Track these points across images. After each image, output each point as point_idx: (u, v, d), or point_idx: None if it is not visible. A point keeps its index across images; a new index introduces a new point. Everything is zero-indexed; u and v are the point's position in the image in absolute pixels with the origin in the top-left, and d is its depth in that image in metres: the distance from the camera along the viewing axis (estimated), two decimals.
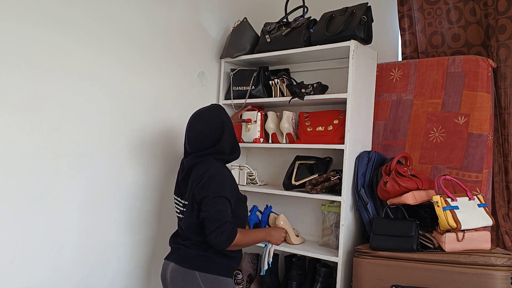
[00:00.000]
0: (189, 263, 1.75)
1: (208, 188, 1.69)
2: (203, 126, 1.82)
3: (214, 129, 1.81)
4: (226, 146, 1.82)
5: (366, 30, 2.19)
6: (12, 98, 1.76)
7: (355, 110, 2.20)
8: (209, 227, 1.64)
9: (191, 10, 2.53)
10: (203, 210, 1.68)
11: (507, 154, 2.16)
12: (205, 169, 1.74)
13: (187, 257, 1.77)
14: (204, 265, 1.73)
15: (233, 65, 2.74)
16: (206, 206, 1.66)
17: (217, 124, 1.82)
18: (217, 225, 1.62)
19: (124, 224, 2.21)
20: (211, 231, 1.63)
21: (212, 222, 1.63)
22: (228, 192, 1.71)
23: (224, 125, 1.82)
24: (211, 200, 1.66)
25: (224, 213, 1.66)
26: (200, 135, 1.81)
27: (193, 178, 1.77)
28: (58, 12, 1.88)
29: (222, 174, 1.74)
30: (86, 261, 2.06)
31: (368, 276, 1.93)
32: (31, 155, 1.82)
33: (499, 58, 2.17)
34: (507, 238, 2.12)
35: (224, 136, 1.81)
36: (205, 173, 1.72)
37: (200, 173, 1.73)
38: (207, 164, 1.77)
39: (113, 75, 2.13)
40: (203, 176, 1.71)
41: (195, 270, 1.72)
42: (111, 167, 2.14)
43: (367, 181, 2.20)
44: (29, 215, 1.83)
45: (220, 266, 1.75)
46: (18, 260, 1.80)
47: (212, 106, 1.91)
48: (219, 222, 1.63)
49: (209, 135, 1.80)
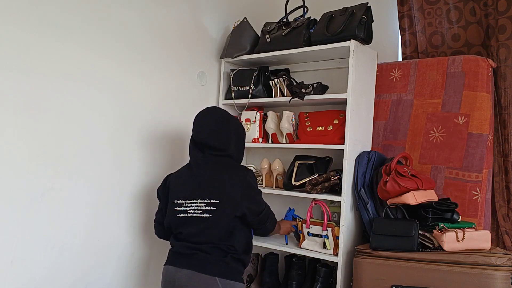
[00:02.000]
0: (209, 269, 1.69)
1: (255, 188, 1.82)
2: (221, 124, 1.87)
3: (225, 131, 1.85)
4: (234, 151, 1.87)
5: (366, 30, 2.19)
6: (13, 99, 1.76)
7: (355, 110, 2.20)
8: (266, 217, 1.86)
9: (191, 10, 2.53)
10: (261, 206, 1.83)
11: (507, 154, 2.16)
12: (237, 170, 1.82)
13: (207, 262, 1.71)
14: (225, 271, 1.71)
15: (233, 65, 2.74)
16: (262, 202, 1.85)
17: (229, 124, 1.88)
18: (270, 216, 1.90)
19: (124, 224, 2.21)
20: (265, 221, 1.87)
21: (268, 213, 1.89)
22: None
23: (233, 129, 1.88)
24: (261, 197, 1.85)
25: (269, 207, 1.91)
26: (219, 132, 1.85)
27: (219, 178, 1.78)
28: (56, 16, 1.88)
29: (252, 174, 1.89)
30: (87, 261, 2.05)
31: (368, 276, 1.93)
32: (31, 156, 1.82)
33: (499, 58, 2.17)
34: (507, 238, 2.12)
35: (234, 139, 1.86)
36: (244, 175, 1.80)
37: (236, 173, 1.80)
38: (232, 165, 1.86)
39: (113, 77, 2.13)
40: (244, 177, 1.79)
41: (216, 277, 1.68)
42: (111, 168, 2.14)
43: (367, 181, 2.20)
44: (29, 215, 1.83)
45: (237, 272, 1.76)
46: (18, 260, 1.80)
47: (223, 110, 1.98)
48: (271, 214, 1.91)
49: (224, 134, 1.85)
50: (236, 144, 1.87)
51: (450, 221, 1.96)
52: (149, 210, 2.33)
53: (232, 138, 1.85)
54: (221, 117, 1.88)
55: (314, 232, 2.23)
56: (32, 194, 1.84)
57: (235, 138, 1.86)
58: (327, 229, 2.17)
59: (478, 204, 2.09)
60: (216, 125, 1.84)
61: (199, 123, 1.86)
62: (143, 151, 2.29)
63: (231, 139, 1.84)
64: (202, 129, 1.85)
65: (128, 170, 2.22)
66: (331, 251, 2.17)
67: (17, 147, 1.78)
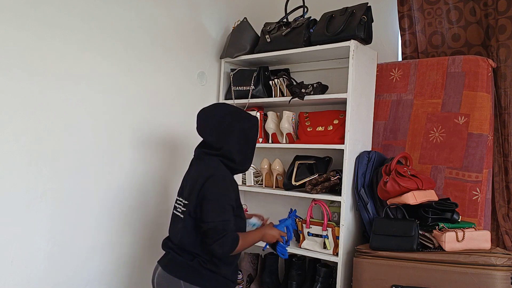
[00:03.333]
0: (174, 271, 1.65)
1: (212, 194, 1.60)
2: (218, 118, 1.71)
3: (225, 128, 1.70)
4: (234, 152, 1.70)
5: (366, 30, 2.19)
6: (12, 99, 1.76)
7: (355, 110, 2.20)
8: (213, 237, 1.56)
9: (190, 10, 2.53)
10: (207, 220, 1.58)
11: (507, 154, 2.16)
12: (210, 171, 1.64)
13: (174, 263, 1.68)
14: (192, 276, 1.63)
15: (233, 65, 2.74)
16: (211, 215, 1.58)
17: (232, 122, 1.71)
18: (222, 235, 1.55)
19: (124, 224, 2.21)
20: (215, 241, 1.55)
21: (217, 232, 1.56)
22: (233, 200, 1.65)
23: (236, 128, 1.71)
24: (217, 209, 1.59)
25: (229, 223, 1.59)
26: (213, 127, 1.71)
27: (194, 176, 1.68)
28: (56, 17, 1.88)
29: (227, 179, 1.67)
30: (87, 261, 2.06)
31: (368, 276, 1.93)
32: (31, 155, 1.83)
33: (499, 58, 2.17)
34: (507, 238, 2.12)
35: (234, 139, 1.70)
36: (210, 176, 1.62)
37: (204, 175, 1.63)
38: (212, 165, 1.68)
39: (112, 77, 2.13)
40: (207, 179, 1.61)
41: (181, 280, 1.63)
42: (111, 168, 2.14)
43: (367, 181, 2.20)
44: (29, 215, 1.83)
45: (208, 279, 1.64)
46: (18, 260, 1.80)
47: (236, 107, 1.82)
48: (224, 232, 1.56)
49: (219, 131, 1.70)
50: (238, 145, 1.70)
51: (450, 221, 1.96)
52: (150, 211, 2.33)
53: (232, 137, 1.69)
54: (223, 114, 1.73)
55: (314, 232, 2.23)
56: (32, 194, 1.84)
57: (237, 139, 1.70)
58: (327, 229, 2.17)
59: (478, 204, 2.09)
60: (217, 121, 1.71)
61: (199, 117, 1.75)
62: (143, 152, 2.29)
63: (231, 138, 1.69)
64: (200, 124, 1.75)
65: (129, 171, 2.22)
66: (331, 251, 2.17)
67: (17, 147, 1.78)
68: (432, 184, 2.10)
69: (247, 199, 2.87)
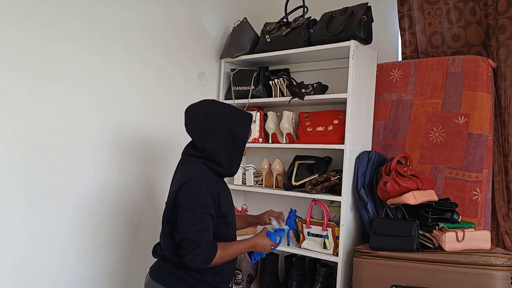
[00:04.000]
0: (160, 278, 1.57)
1: (187, 202, 1.45)
2: (196, 119, 1.58)
3: (211, 127, 1.55)
4: (220, 154, 1.54)
5: (366, 30, 2.19)
6: (12, 100, 1.76)
7: (355, 110, 2.20)
8: (186, 248, 1.44)
9: (190, 10, 2.53)
10: (180, 231, 1.45)
11: (507, 154, 2.16)
12: (186, 176, 1.49)
13: (160, 270, 1.60)
14: (176, 284, 1.54)
15: (233, 65, 2.74)
16: (184, 225, 1.45)
17: (218, 119, 1.55)
18: (194, 246, 1.43)
19: (124, 224, 2.21)
20: (187, 253, 1.43)
21: (190, 243, 1.43)
22: (210, 208, 1.48)
23: (223, 126, 1.54)
24: (190, 218, 1.44)
25: (204, 233, 1.45)
26: (193, 128, 1.58)
27: (176, 180, 1.56)
28: (55, 18, 1.88)
29: (203, 185, 1.47)
30: (87, 261, 2.06)
31: (368, 276, 1.93)
32: (31, 155, 1.83)
33: (499, 58, 2.17)
34: (507, 238, 2.12)
35: (215, 139, 1.54)
36: (186, 182, 1.47)
37: (180, 180, 1.50)
38: (191, 169, 1.53)
39: (112, 77, 2.13)
40: (182, 185, 1.47)
41: (165, 287, 1.55)
42: (111, 168, 2.14)
43: (367, 181, 2.20)
44: (29, 215, 1.83)
45: (194, 286, 1.54)
46: (18, 260, 1.80)
47: (213, 101, 1.65)
48: (196, 244, 1.43)
49: (198, 132, 1.56)
50: (225, 146, 1.55)
51: (450, 221, 1.96)
52: (149, 212, 2.33)
53: (218, 137, 1.54)
54: (210, 111, 1.57)
55: (314, 232, 2.23)
56: (32, 194, 1.84)
57: (224, 139, 1.54)
58: (327, 229, 2.17)
59: (478, 204, 2.09)
60: (202, 119, 1.56)
61: (186, 113, 1.62)
62: (143, 152, 2.29)
63: (217, 138, 1.54)
64: (186, 121, 1.61)
65: (128, 171, 2.22)
66: (331, 251, 2.17)
67: (17, 147, 1.78)
68: (432, 184, 2.10)
69: (247, 199, 2.87)
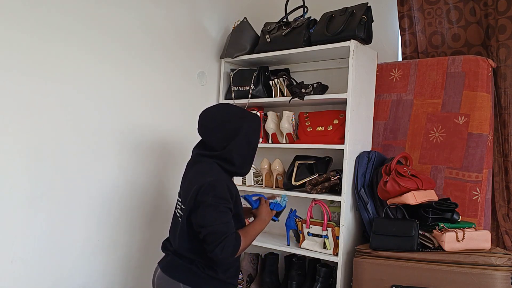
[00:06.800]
0: (174, 273, 1.63)
1: (209, 199, 1.52)
2: (222, 118, 1.65)
3: (229, 128, 1.63)
4: (235, 155, 1.63)
5: (366, 30, 2.19)
6: (12, 100, 1.76)
7: (355, 110, 2.20)
8: (214, 241, 1.49)
9: (190, 10, 2.53)
10: (205, 225, 1.51)
11: (507, 154, 2.16)
12: (205, 177, 1.57)
13: (174, 265, 1.65)
14: (192, 279, 1.60)
15: (233, 65, 2.74)
16: (209, 219, 1.51)
17: (235, 123, 1.64)
18: (222, 237, 1.49)
19: (124, 224, 2.21)
20: (216, 245, 1.48)
21: (217, 235, 1.49)
22: (230, 203, 1.57)
23: (240, 130, 1.63)
24: (214, 212, 1.52)
25: (229, 224, 1.53)
26: (216, 128, 1.64)
27: (192, 180, 1.62)
28: (55, 18, 1.88)
29: (223, 183, 1.57)
30: (88, 261, 2.06)
31: (368, 276, 1.93)
32: (31, 155, 1.83)
33: (499, 58, 2.17)
34: (507, 238, 2.12)
35: (236, 141, 1.62)
36: (206, 182, 1.54)
37: (200, 181, 1.56)
38: (208, 169, 1.61)
39: (112, 78, 2.13)
40: (202, 185, 1.54)
41: (180, 282, 1.60)
42: (111, 169, 2.14)
43: (367, 181, 2.20)
44: (29, 215, 1.83)
45: (206, 282, 1.61)
46: (18, 260, 1.80)
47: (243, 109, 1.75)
48: (224, 235, 1.49)
49: (222, 132, 1.63)
50: (240, 148, 1.64)
51: (450, 221, 1.96)
52: (150, 212, 2.33)
53: (236, 139, 1.62)
54: (229, 115, 1.66)
55: (314, 232, 2.23)
56: (32, 194, 1.84)
57: (241, 141, 1.63)
58: (327, 229, 2.17)
59: (478, 204, 2.09)
60: (222, 122, 1.64)
61: (202, 117, 1.69)
62: (143, 152, 2.29)
63: (235, 140, 1.62)
64: (202, 125, 1.68)
65: (128, 171, 2.22)
66: (331, 251, 2.17)
67: (17, 147, 1.78)
68: (432, 184, 2.10)
69: None
